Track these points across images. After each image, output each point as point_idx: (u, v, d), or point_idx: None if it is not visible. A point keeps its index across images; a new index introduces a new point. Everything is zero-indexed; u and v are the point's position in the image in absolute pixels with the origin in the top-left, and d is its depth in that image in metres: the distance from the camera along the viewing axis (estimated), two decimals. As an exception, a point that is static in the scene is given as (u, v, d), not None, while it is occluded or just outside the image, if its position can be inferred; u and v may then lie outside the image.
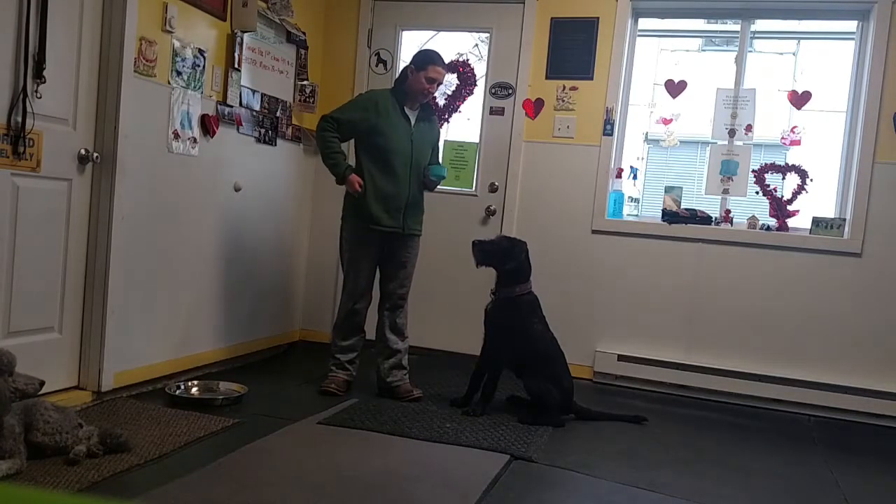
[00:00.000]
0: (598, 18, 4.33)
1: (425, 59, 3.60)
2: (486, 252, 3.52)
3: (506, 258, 3.51)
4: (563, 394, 3.45)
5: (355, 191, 3.51)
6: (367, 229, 3.55)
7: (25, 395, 2.32)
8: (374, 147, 3.53)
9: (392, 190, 3.54)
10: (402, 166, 3.55)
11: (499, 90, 4.55)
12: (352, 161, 3.68)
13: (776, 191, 4.21)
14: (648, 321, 4.30)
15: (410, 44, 4.82)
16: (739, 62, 4.27)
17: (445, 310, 4.58)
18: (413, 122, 3.62)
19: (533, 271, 3.50)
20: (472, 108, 4.67)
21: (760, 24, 4.52)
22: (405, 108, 3.60)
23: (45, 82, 2.81)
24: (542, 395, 3.41)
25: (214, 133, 3.72)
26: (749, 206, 4.46)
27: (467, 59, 4.66)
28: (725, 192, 4.27)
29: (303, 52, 4.47)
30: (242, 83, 3.92)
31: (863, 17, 4.13)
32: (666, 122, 4.57)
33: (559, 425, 3.37)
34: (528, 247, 3.60)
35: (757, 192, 4.24)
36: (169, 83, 3.39)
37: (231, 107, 3.84)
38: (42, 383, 2.36)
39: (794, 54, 8.63)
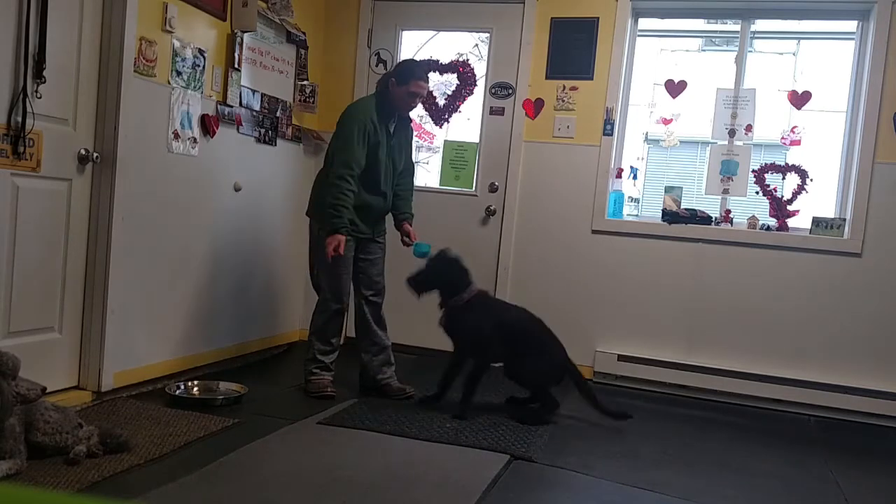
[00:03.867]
0: (598, 18, 4.33)
1: (407, 73, 3.47)
2: (422, 283, 3.50)
3: (443, 278, 3.47)
4: (555, 367, 3.46)
5: (331, 252, 3.32)
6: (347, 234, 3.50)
7: (27, 401, 2.32)
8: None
9: (372, 202, 3.52)
10: (383, 180, 3.54)
11: (499, 90, 4.55)
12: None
13: (776, 191, 4.21)
14: (648, 321, 4.30)
15: (410, 44, 4.82)
16: (739, 62, 4.27)
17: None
18: (392, 131, 3.57)
19: (534, 271, 3.50)
20: (472, 108, 4.67)
21: (760, 24, 4.52)
22: (387, 124, 3.53)
23: (45, 82, 2.81)
24: (534, 378, 3.45)
25: (214, 133, 3.72)
26: (749, 206, 4.46)
27: (467, 59, 4.66)
28: (725, 192, 4.27)
29: (303, 52, 4.47)
30: (242, 83, 3.92)
31: (863, 17, 4.13)
32: (666, 122, 4.57)
33: (546, 422, 3.38)
34: (525, 247, 3.59)
35: (757, 192, 4.24)
36: (169, 83, 3.39)
37: (231, 107, 3.84)
38: (44, 390, 2.35)
39: (794, 54, 8.62)
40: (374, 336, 3.65)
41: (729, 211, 4.30)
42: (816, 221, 4.08)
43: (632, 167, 4.70)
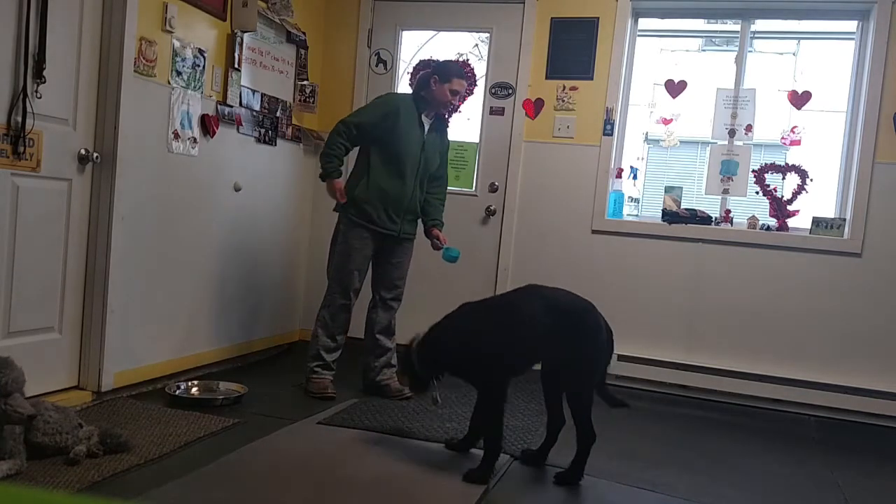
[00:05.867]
0: (598, 18, 4.33)
1: (450, 71, 3.62)
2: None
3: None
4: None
5: (336, 198, 3.56)
6: (366, 228, 3.55)
7: (8, 421, 2.25)
8: (386, 150, 3.53)
9: (396, 193, 3.55)
10: (410, 172, 3.57)
11: (499, 90, 4.55)
12: (354, 155, 3.70)
13: (776, 191, 4.21)
14: (648, 321, 4.29)
15: (410, 44, 4.82)
16: (739, 62, 4.27)
17: (444, 310, 4.57)
18: (426, 130, 3.64)
19: (534, 271, 3.46)
20: (472, 108, 4.67)
21: (760, 24, 4.52)
22: (422, 115, 3.62)
23: (45, 82, 2.81)
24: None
25: (214, 133, 3.72)
26: (749, 206, 4.46)
27: (467, 59, 4.66)
28: (725, 192, 4.27)
29: (303, 52, 4.47)
30: (242, 83, 3.92)
31: (863, 17, 4.13)
32: (666, 122, 4.57)
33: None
34: (525, 247, 3.54)
35: (757, 192, 4.23)
36: (169, 83, 3.38)
37: (231, 107, 3.84)
38: (32, 417, 2.28)
39: (794, 54, 8.62)
40: (377, 340, 3.68)
41: (729, 211, 4.30)
42: (816, 221, 4.08)
43: (632, 167, 4.70)
